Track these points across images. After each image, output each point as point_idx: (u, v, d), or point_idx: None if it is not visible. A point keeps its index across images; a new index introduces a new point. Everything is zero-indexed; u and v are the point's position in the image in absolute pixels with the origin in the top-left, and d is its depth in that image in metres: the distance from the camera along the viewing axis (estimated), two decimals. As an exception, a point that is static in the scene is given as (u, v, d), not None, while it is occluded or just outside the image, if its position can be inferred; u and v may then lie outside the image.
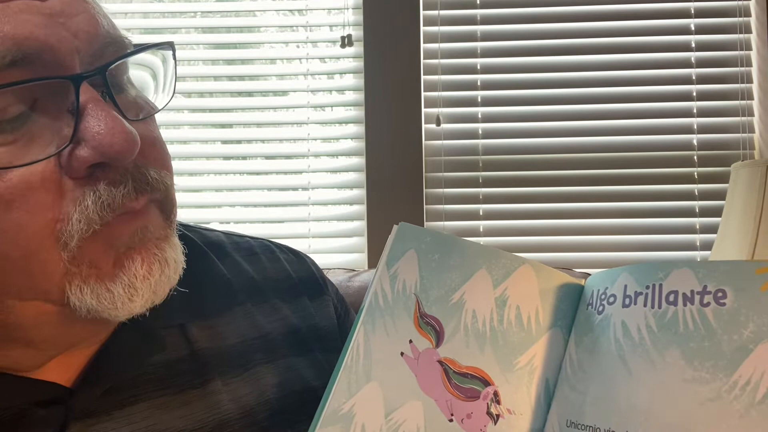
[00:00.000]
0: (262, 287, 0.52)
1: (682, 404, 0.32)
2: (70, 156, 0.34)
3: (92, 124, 0.34)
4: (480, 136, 1.50)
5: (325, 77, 1.55)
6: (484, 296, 0.40)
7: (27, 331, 0.37)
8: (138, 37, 1.58)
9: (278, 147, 1.57)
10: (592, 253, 1.48)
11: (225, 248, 0.53)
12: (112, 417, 0.40)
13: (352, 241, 1.52)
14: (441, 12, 1.51)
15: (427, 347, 0.39)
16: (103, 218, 0.35)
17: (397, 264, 0.40)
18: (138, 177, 0.37)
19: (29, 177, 0.33)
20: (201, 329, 0.46)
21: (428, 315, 0.39)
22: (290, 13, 1.61)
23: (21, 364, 0.39)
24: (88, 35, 0.36)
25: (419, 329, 0.39)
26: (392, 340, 0.39)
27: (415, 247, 0.41)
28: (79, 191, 0.35)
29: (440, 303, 0.40)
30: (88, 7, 0.37)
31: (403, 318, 0.39)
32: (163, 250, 0.38)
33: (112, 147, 0.34)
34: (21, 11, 0.33)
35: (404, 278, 0.40)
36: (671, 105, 1.48)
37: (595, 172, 1.48)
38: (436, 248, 0.41)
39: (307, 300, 0.54)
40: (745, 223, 1.08)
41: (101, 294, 0.36)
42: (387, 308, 0.39)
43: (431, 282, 0.40)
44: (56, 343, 0.39)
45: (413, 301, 0.39)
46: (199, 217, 1.53)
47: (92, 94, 0.35)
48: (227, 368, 0.46)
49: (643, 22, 1.49)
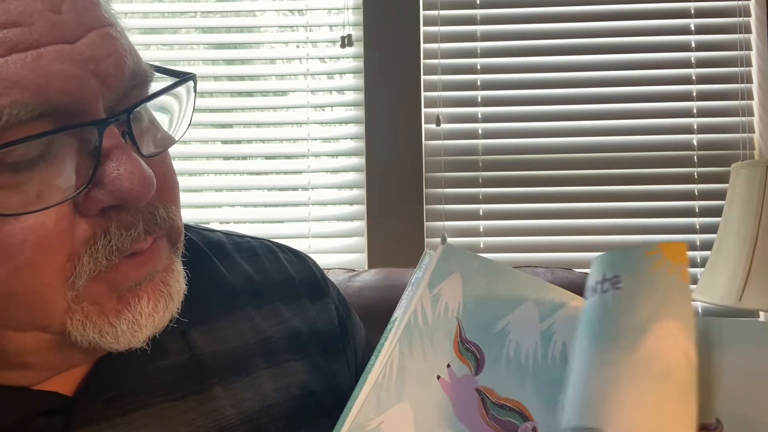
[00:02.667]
0: (263, 289, 0.52)
1: (598, 387, 0.32)
2: (86, 197, 0.34)
3: (112, 167, 0.34)
4: (480, 136, 1.51)
5: (325, 77, 1.55)
6: (529, 329, 0.38)
7: (24, 357, 0.37)
8: (138, 37, 1.58)
9: (278, 147, 1.57)
10: (592, 253, 1.48)
11: (225, 249, 0.53)
12: (113, 424, 0.40)
13: (352, 241, 1.52)
14: (441, 12, 1.51)
15: (465, 373, 0.38)
16: (110, 261, 0.35)
17: (440, 285, 0.39)
18: (148, 218, 0.37)
19: (44, 219, 0.33)
20: (202, 334, 0.46)
21: (469, 341, 0.38)
22: (290, 13, 1.61)
23: (18, 382, 0.39)
24: (116, 80, 0.35)
25: (459, 354, 0.38)
26: (429, 362, 0.37)
27: (460, 271, 0.40)
28: (90, 232, 0.35)
29: (483, 330, 0.38)
30: (117, 46, 0.36)
31: (442, 341, 0.38)
32: (168, 284, 0.38)
33: (130, 192, 0.34)
34: (54, 60, 0.32)
35: (447, 301, 0.39)
36: (671, 105, 1.48)
37: (595, 172, 1.48)
38: (484, 274, 0.40)
39: (308, 302, 0.54)
40: (745, 223, 1.08)
41: (104, 329, 0.36)
42: (426, 329, 0.38)
43: (475, 308, 0.39)
44: (54, 366, 0.39)
45: (455, 325, 0.38)
46: (199, 217, 1.53)
47: (115, 138, 0.35)
48: (228, 373, 0.46)
49: (643, 22, 1.49)
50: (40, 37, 0.32)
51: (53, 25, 0.33)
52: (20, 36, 0.31)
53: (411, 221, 1.48)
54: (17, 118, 0.31)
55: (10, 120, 0.31)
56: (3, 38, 0.31)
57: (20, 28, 0.31)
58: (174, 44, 1.59)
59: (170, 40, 1.59)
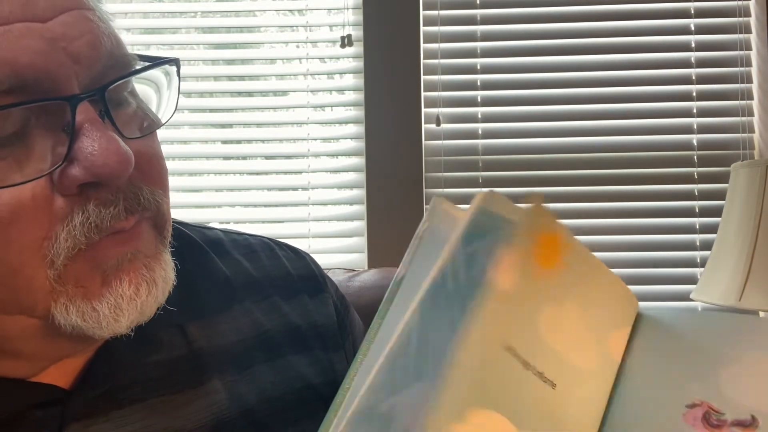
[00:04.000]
0: (261, 285, 0.52)
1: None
2: (62, 174, 0.34)
3: (86, 144, 0.34)
4: (480, 136, 1.50)
5: (325, 77, 1.55)
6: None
7: (14, 342, 0.37)
8: (138, 37, 1.58)
9: (278, 147, 1.57)
10: (591, 253, 1.47)
11: (224, 246, 0.53)
12: (110, 417, 0.40)
13: (352, 241, 1.52)
14: (441, 12, 1.51)
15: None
16: (90, 239, 0.35)
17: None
18: (130, 196, 0.37)
19: (20, 195, 0.33)
20: (199, 328, 0.46)
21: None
22: (290, 13, 1.61)
23: (15, 373, 0.39)
24: (89, 59, 0.35)
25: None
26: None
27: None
28: (68, 209, 0.35)
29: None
30: (92, 27, 0.36)
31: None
32: (152, 269, 0.38)
33: (104, 167, 0.34)
34: (22, 36, 0.33)
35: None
36: (671, 105, 1.48)
37: (595, 172, 1.48)
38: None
39: (306, 297, 0.54)
40: (745, 223, 1.08)
41: (86, 312, 0.36)
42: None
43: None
44: (44, 355, 0.39)
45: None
46: (199, 217, 1.53)
47: (89, 114, 0.35)
48: (226, 367, 0.46)
49: (643, 22, 1.49)
50: (9, 15, 0.33)
51: (24, 4, 0.33)
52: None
53: (411, 221, 1.48)
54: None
55: None
56: None
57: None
58: (174, 44, 1.59)
59: (170, 40, 1.59)
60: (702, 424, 0.31)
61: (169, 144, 1.56)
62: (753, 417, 0.31)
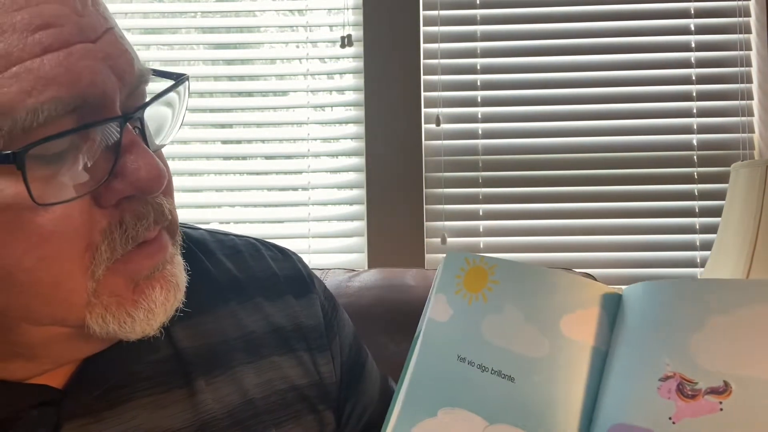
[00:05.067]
0: (245, 285, 0.53)
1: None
2: (105, 188, 0.36)
3: (131, 160, 0.36)
4: (480, 136, 1.51)
5: (325, 77, 1.55)
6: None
7: (34, 348, 0.38)
8: (138, 37, 1.58)
9: (278, 147, 1.57)
10: (592, 253, 1.48)
11: (208, 246, 0.54)
12: (102, 417, 0.41)
13: (352, 241, 1.52)
14: (441, 12, 1.51)
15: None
16: (125, 249, 0.37)
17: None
18: (157, 209, 0.39)
19: (70, 209, 0.35)
20: (183, 329, 0.47)
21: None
22: (290, 13, 1.61)
23: (15, 375, 0.40)
24: (130, 76, 0.37)
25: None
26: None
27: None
28: (106, 222, 0.37)
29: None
30: (126, 45, 0.38)
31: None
32: (175, 275, 0.41)
33: (148, 182, 0.36)
34: (82, 57, 0.34)
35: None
36: (671, 105, 1.48)
37: (595, 172, 1.48)
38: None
39: (292, 298, 0.54)
40: (745, 223, 1.08)
41: (123, 319, 0.38)
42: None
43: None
44: (60, 358, 0.40)
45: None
46: (199, 217, 1.53)
47: (131, 132, 0.37)
48: (210, 368, 0.47)
49: (643, 22, 1.49)
50: (69, 38, 0.34)
51: (79, 26, 0.35)
52: (53, 37, 0.33)
53: (411, 221, 1.48)
54: (56, 112, 0.33)
55: (50, 115, 0.33)
56: (39, 40, 0.33)
57: (52, 29, 0.33)
58: (174, 44, 1.59)
59: (170, 40, 1.59)
60: (677, 395, 0.32)
61: (169, 144, 1.56)
62: (725, 382, 0.31)
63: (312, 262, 1.50)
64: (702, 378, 0.32)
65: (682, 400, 0.32)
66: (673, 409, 0.32)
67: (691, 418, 0.31)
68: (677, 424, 0.32)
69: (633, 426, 0.33)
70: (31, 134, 0.32)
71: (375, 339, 0.89)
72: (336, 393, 0.54)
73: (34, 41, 0.33)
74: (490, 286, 0.41)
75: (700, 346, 0.33)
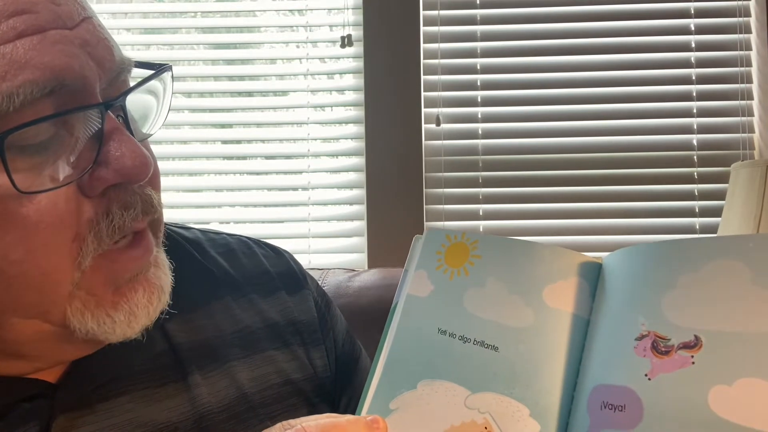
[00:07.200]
0: (239, 282, 0.53)
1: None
2: (91, 176, 0.36)
3: (114, 147, 0.36)
4: (480, 136, 1.51)
5: (325, 77, 1.55)
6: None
7: (21, 346, 0.38)
8: (138, 37, 1.58)
9: (278, 147, 1.57)
10: (592, 253, 1.47)
11: (201, 245, 0.54)
12: (95, 410, 0.41)
13: (352, 241, 1.52)
14: (441, 12, 1.51)
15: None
16: (112, 239, 0.37)
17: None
18: (146, 200, 0.39)
19: (56, 198, 0.35)
20: (178, 324, 0.47)
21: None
22: (290, 13, 1.61)
23: (7, 371, 0.40)
24: (110, 63, 0.38)
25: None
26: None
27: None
28: (93, 212, 0.37)
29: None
30: (105, 34, 0.38)
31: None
32: (159, 278, 0.41)
33: (133, 170, 0.36)
34: (57, 42, 0.34)
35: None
36: (671, 105, 1.48)
37: (595, 172, 1.48)
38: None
39: (285, 294, 0.55)
40: (745, 223, 1.08)
41: (102, 319, 0.38)
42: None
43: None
44: (48, 358, 0.40)
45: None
46: (199, 217, 1.53)
47: (113, 120, 0.37)
48: (204, 362, 0.47)
49: (643, 22, 1.49)
50: (45, 24, 0.34)
51: (55, 13, 0.35)
52: (27, 22, 0.34)
53: (411, 221, 1.48)
54: (31, 96, 0.33)
55: (25, 99, 0.33)
56: (12, 25, 0.33)
57: (26, 15, 0.34)
58: (174, 44, 1.59)
59: (170, 40, 1.59)
60: (652, 353, 0.33)
61: (169, 144, 1.56)
62: (696, 337, 0.33)
63: (312, 262, 1.50)
64: (674, 334, 0.33)
65: (656, 357, 0.33)
66: (649, 366, 0.33)
67: (666, 373, 0.32)
68: (653, 380, 0.33)
69: (612, 385, 0.34)
70: (8, 120, 0.33)
71: (375, 339, 0.89)
72: (331, 387, 0.54)
73: (8, 27, 0.33)
74: (471, 260, 0.41)
75: (672, 303, 0.34)
